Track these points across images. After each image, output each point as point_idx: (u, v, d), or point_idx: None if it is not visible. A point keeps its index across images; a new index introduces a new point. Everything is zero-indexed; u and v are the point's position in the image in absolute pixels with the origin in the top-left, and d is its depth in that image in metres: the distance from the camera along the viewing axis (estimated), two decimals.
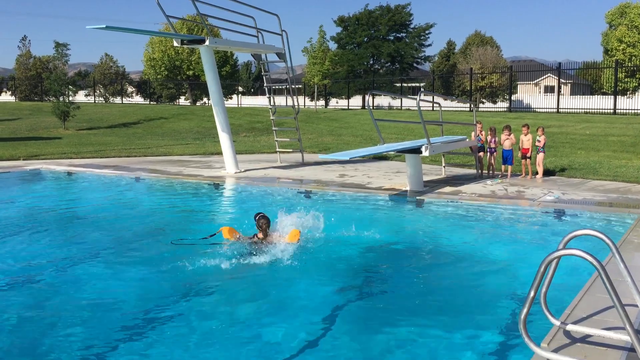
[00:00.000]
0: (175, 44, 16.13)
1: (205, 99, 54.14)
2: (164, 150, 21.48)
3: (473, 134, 15.34)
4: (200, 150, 21.77)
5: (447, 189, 12.83)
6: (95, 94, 58.46)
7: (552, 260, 3.84)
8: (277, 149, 18.56)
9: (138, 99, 61.80)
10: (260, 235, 8.21)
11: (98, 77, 60.81)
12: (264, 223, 8.21)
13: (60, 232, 9.37)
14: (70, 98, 32.64)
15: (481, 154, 14.91)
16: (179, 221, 10.25)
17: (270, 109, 18.56)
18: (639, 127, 23.40)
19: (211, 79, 15.73)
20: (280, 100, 32.18)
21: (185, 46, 16.58)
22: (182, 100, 59.18)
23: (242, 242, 8.21)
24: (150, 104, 53.86)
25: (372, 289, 6.80)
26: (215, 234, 8.34)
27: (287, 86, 17.93)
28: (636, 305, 4.24)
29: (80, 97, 51.92)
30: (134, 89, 64.13)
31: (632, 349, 4.05)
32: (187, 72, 54.42)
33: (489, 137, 14.87)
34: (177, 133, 29.74)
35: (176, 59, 53.46)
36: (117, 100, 58.14)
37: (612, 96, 32.73)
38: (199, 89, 54.53)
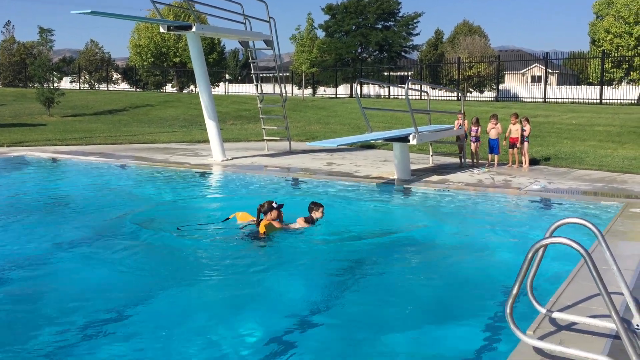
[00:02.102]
0: (161, 30, 15.94)
1: (192, 87, 53.73)
2: (150, 137, 21.32)
3: (456, 122, 15.38)
4: (186, 137, 21.63)
5: (435, 177, 12.84)
6: (81, 80, 57.82)
7: (538, 249, 3.84)
8: (265, 137, 18.47)
9: (124, 86, 61.18)
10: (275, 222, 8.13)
11: (83, 64, 60.07)
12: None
13: (42, 219, 9.24)
14: (55, 84, 32.27)
15: (474, 146, 14.89)
16: (164, 209, 10.16)
17: (258, 96, 18.45)
18: (625, 117, 23.58)
19: (198, 66, 15.58)
20: (267, 88, 31.99)
21: (171, 32, 16.40)
22: (168, 88, 58.70)
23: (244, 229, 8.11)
24: (136, 91, 53.39)
25: (358, 278, 6.78)
26: (228, 219, 8.35)
27: (275, 74, 17.82)
28: (621, 293, 4.26)
29: (65, 83, 51.33)
30: (119, 76, 63.47)
31: (617, 337, 4.07)
32: (174, 59, 53.91)
33: (472, 127, 14.90)
34: (164, 120, 29.52)
35: (162, 45, 52.93)
36: (103, 87, 57.51)
37: (599, 86, 32.93)
38: (186, 76, 54.10)
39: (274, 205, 8.13)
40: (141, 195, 11.41)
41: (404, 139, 12.43)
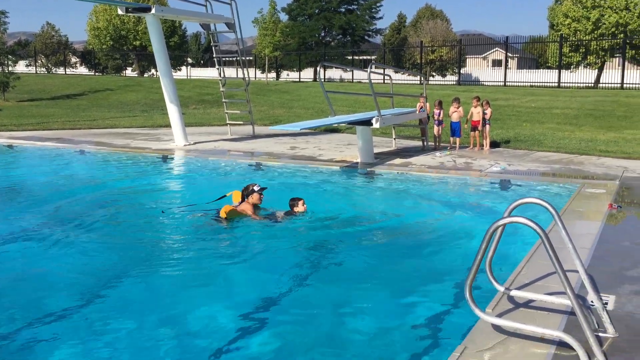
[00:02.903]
0: (119, 12, 15.58)
1: (153, 71, 52.71)
2: (110, 122, 20.91)
3: (418, 105, 15.50)
4: (148, 122, 21.28)
5: (397, 160, 12.94)
6: (37, 64, 56.20)
7: (497, 228, 3.90)
8: (228, 121, 18.30)
9: (82, 70, 59.70)
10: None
11: (39, 47, 58.33)
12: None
13: None
14: (10, 68, 31.30)
15: (436, 129, 15.01)
16: (124, 194, 10.00)
17: (220, 80, 18.25)
18: (582, 101, 24.12)
19: (158, 49, 15.30)
20: (230, 72, 31.58)
21: (130, 14, 16.06)
22: (128, 72, 57.54)
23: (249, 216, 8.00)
24: (95, 75, 52.21)
25: (322, 260, 6.81)
26: (225, 196, 8.34)
27: (238, 58, 17.64)
28: (577, 271, 4.38)
29: (21, 67, 49.73)
30: (77, 60, 61.89)
31: (572, 313, 4.19)
32: (134, 43, 52.76)
33: (435, 110, 15.03)
34: (124, 105, 28.96)
35: (122, 28, 51.71)
36: (60, 70, 56.02)
37: (557, 70, 33.54)
38: (147, 60, 53.02)
39: (255, 188, 8.09)
40: (101, 181, 11.20)
41: (367, 122, 12.46)
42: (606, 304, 4.55)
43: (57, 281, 5.89)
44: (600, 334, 4.01)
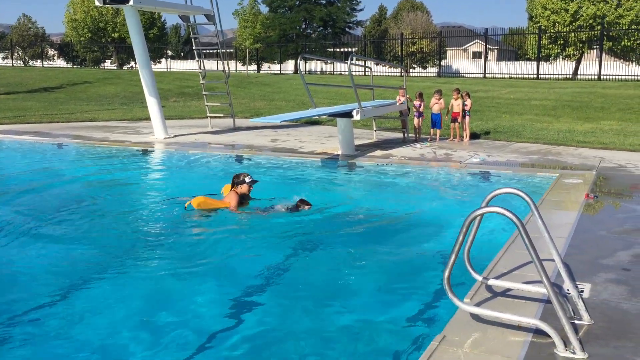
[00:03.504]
0: (97, 3, 15.35)
1: (132, 63, 52.24)
2: (89, 115, 20.67)
3: (398, 98, 15.55)
4: (127, 115, 21.08)
5: (378, 152, 12.98)
6: (13, 57, 55.34)
7: (474, 218, 3.94)
8: (208, 114, 18.20)
9: (60, 63, 58.94)
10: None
11: (16, 39, 57.46)
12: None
13: None
14: None
15: (417, 121, 15.05)
16: (103, 188, 9.91)
17: (200, 73, 18.13)
18: (560, 92, 24.38)
19: (137, 41, 15.14)
20: (211, 65, 31.43)
21: (108, 6, 15.85)
22: (107, 64, 56.89)
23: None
24: (73, 67, 51.57)
25: (305, 252, 6.83)
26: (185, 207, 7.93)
27: (218, 50, 17.51)
28: (553, 260, 4.44)
29: None
30: (55, 52, 61.06)
31: (549, 301, 4.25)
32: (113, 35, 52.14)
33: (416, 102, 15.09)
34: (103, 98, 28.65)
35: (100, 20, 51.05)
36: (38, 63, 55.25)
37: (536, 62, 33.83)
38: (126, 53, 52.49)
39: (247, 179, 7.98)
40: (79, 174, 11.08)
41: (348, 114, 12.48)
42: (582, 292, 4.63)
43: (33, 275, 5.83)
44: (576, 322, 4.09)
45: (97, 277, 5.81)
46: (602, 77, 30.42)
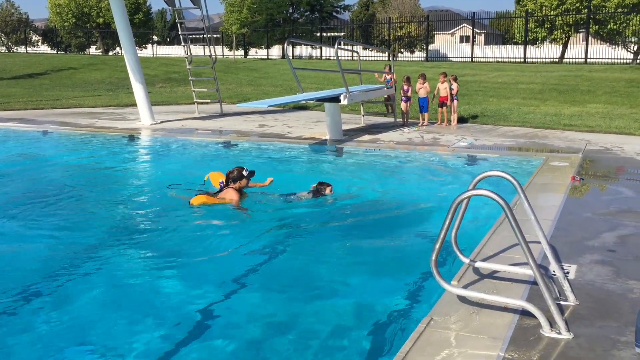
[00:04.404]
0: None
1: (118, 49, 51.66)
2: (74, 102, 20.47)
3: (384, 75, 15.56)
4: (113, 101, 20.89)
5: (366, 137, 12.98)
6: None
7: (461, 201, 3.96)
8: (195, 100, 18.08)
9: (44, 48, 58.18)
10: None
11: None
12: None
13: None
14: None
15: (404, 105, 15.04)
16: (90, 175, 9.84)
17: (187, 58, 17.99)
18: (547, 75, 24.45)
19: (122, 27, 14.96)
20: (198, 50, 31.18)
21: None
22: (92, 50, 56.25)
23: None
24: (58, 53, 50.91)
25: (293, 238, 6.83)
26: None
27: (204, 35, 17.37)
28: (539, 242, 4.48)
29: None
30: (39, 38, 60.25)
31: (535, 283, 4.29)
32: (97, 20, 51.55)
33: (403, 86, 15.08)
34: (88, 84, 28.36)
35: (84, 5, 50.42)
36: (21, 49, 54.51)
37: (523, 46, 33.87)
38: (111, 38, 51.89)
39: (245, 173, 7.61)
40: (65, 161, 11.00)
41: (335, 99, 12.45)
42: (567, 273, 4.67)
43: (17, 263, 5.79)
44: (562, 302, 4.13)
45: (78, 263, 5.78)
46: (588, 60, 30.53)
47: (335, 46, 12.42)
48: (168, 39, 64.73)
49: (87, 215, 7.43)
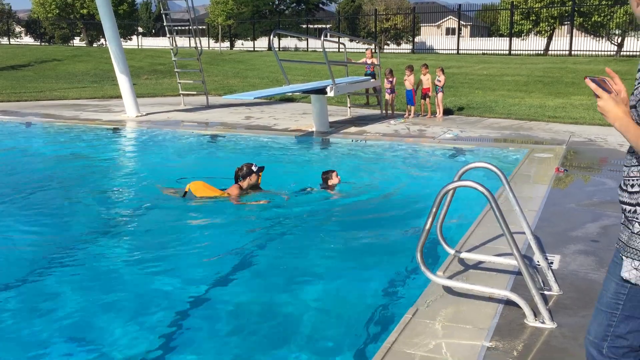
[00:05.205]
0: None
1: (102, 40, 51.14)
2: (59, 94, 20.26)
3: (364, 59, 15.63)
4: (98, 93, 20.72)
5: (352, 129, 12.99)
6: None
7: (447, 192, 3.98)
8: (181, 92, 17.98)
9: (28, 40, 57.48)
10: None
11: None
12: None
13: None
14: None
15: (389, 97, 15.06)
16: (73, 168, 9.75)
17: (172, 50, 17.86)
18: (532, 67, 24.57)
19: (106, 18, 14.80)
20: (184, 42, 30.96)
21: None
22: (77, 41, 55.64)
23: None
24: (41, 45, 50.29)
25: (278, 231, 6.82)
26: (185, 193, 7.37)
27: (190, 26, 17.25)
28: (524, 233, 4.52)
29: None
30: (22, 29, 59.49)
31: (519, 273, 4.33)
32: (81, 11, 50.99)
33: (386, 78, 15.09)
34: (73, 76, 28.08)
35: None
36: (4, 41, 53.77)
37: (508, 38, 33.98)
38: (95, 29, 51.34)
39: (254, 168, 7.47)
40: (48, 154, 10.89)
41: (322, 91, 12.43)
42: (551, 263, 4.72)
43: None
44: (546, 292, 4.18)
45: (65, 257, 5.74)
46: (573, 52, 30.69)
47: (322, 38, 12.39)
48: (153, 31, 64.18)
49: (71, 208, 7.37)
